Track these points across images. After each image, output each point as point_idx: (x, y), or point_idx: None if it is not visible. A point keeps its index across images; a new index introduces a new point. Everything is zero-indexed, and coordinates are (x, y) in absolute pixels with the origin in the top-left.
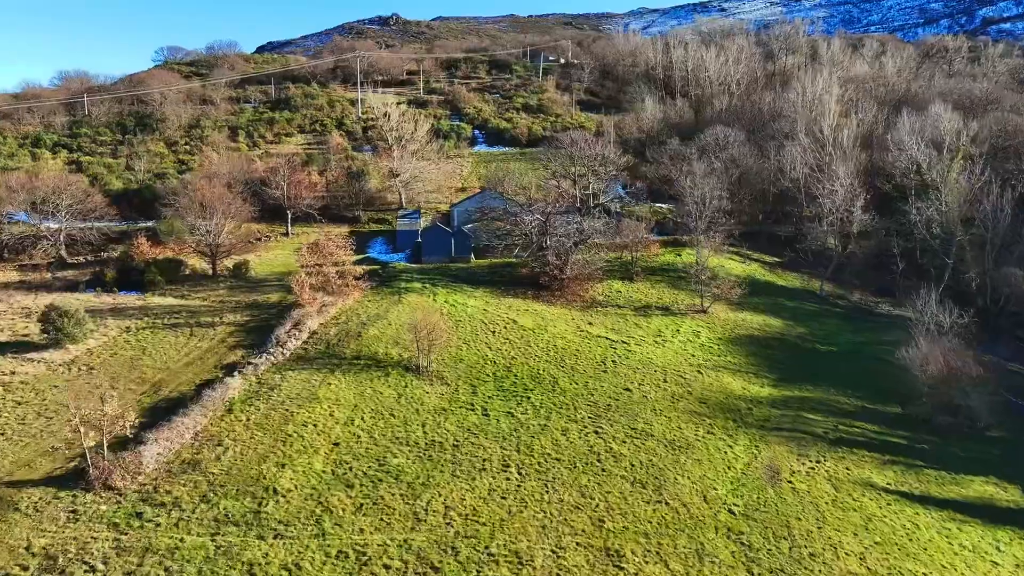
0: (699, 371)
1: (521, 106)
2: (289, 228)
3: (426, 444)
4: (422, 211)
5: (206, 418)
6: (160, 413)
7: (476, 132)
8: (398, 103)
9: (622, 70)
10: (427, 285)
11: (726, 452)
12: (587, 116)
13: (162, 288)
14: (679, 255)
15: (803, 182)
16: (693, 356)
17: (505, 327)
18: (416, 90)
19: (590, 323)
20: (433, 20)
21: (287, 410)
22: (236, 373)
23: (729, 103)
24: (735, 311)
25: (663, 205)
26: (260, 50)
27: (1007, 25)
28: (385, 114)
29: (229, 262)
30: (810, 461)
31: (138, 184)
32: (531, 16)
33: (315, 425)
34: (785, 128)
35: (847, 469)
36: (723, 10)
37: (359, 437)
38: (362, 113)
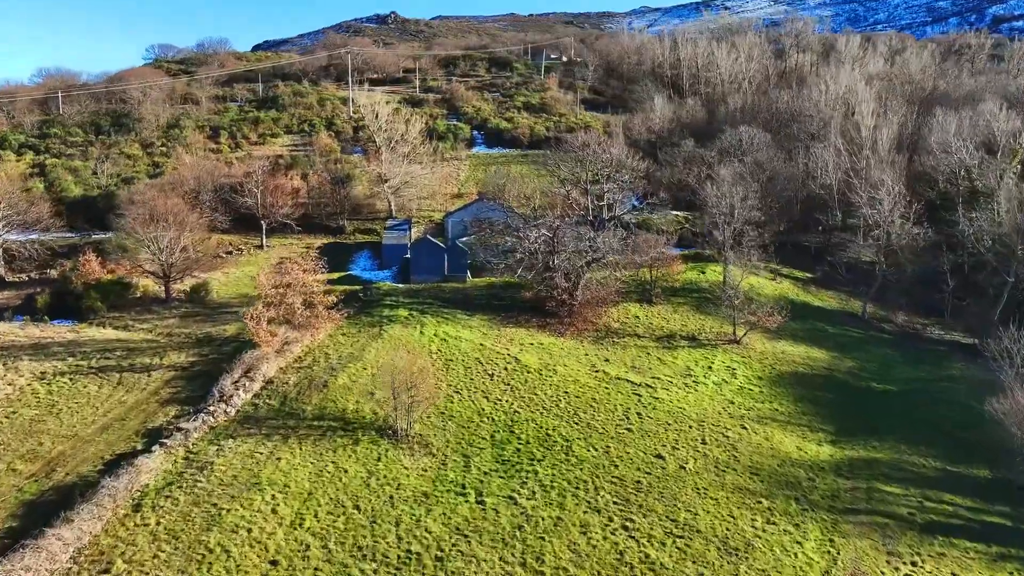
0: (743, 426)
1: (522, 105)
2: (264, 240)
3: (399, 558)
4: (413, 221)
5: (101, 521)
6: (43, 511)
7: (475, 132)
8: (388, 101)
9: (627, 68)
10: (414, 313)
11: (796, 554)
12: (592, 115)
13: (103, 316)
14: (703, 272)
15: (836, 188)
16: (732, 403)
17: (506, 368)
18: (412, 88)
19: (606, 360)
20: (433, 19)
21: (215, 505)
22: (158, 445)
23: (744, 102)
24: (772, 340)
25: (678, 213)
26: (256, 49)
27: (1019, 23)
28: (373, 112)
29: (188, 283)
30: (904, 563)
31: (100, 190)
32: (531, 15)
33: (249, 530)
34: (810, 128)
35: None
36: (726, 8)
37: (307, 549)
38: (352, 112)
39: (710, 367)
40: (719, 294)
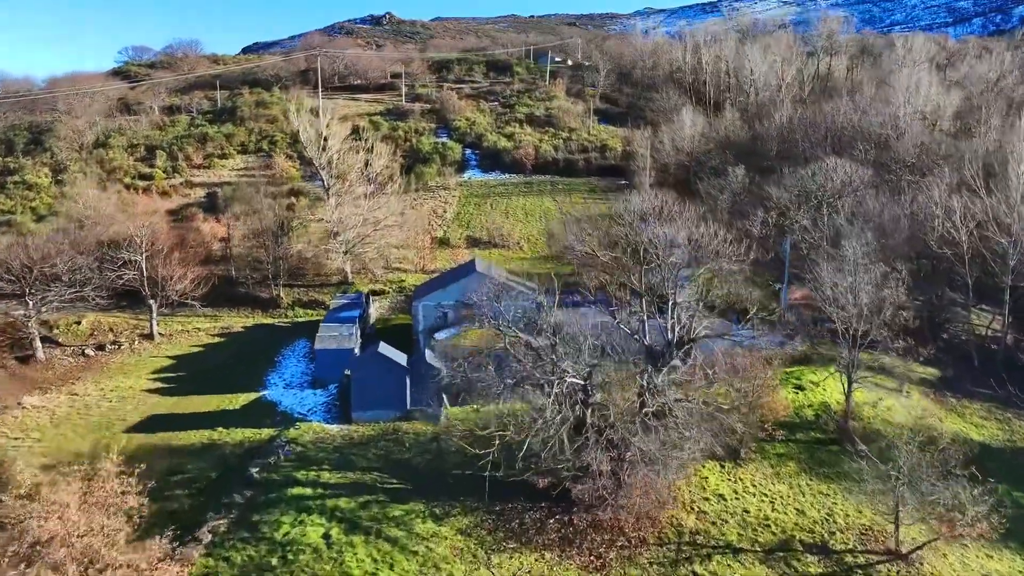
0: None
1: (525, 117)
2: (155, 326)
3: None
4: (377, 287)
5: None
6: None
7: (467, 152)
8: (347, 117)
9: (642, 73)
10: (337, 524)
11: None
12: (607, 130)
13: None
14: (798, 386)
15: (968, 244)
16: None
17: None
18: (398, 96)
19: None
20: (431, 20)
21: None
22: None
23: (791, 114)
24: (965, 547)
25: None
26: (245, 51)
27: None
28: (318, 141)
29: None
30: None
31: None
32: (533, 16)
33: None
34: (901, 150)
35: None
36: (735, 10)
37: None
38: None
39: None
40: (835, 433)
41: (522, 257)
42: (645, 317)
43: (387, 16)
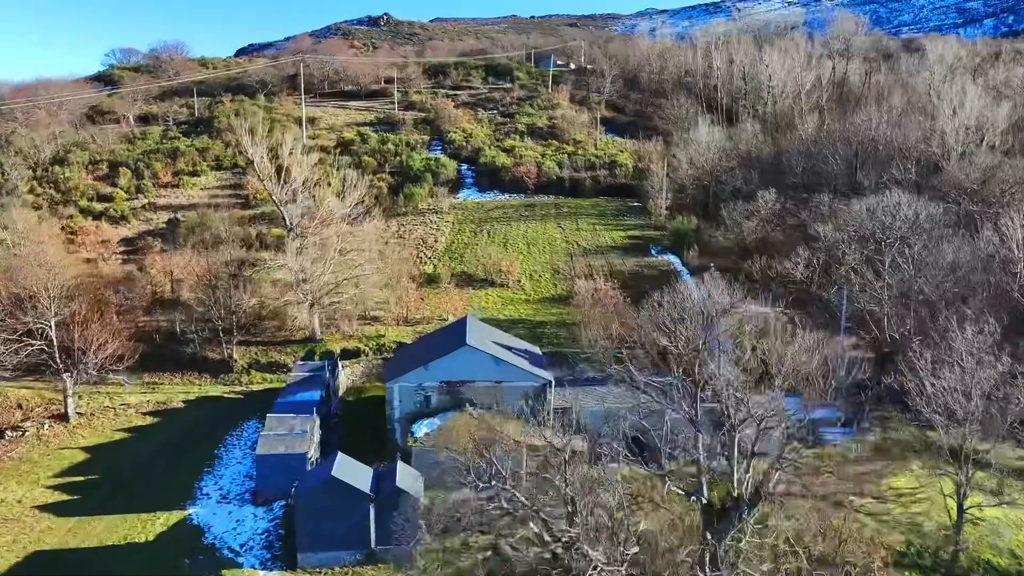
0: None
1: (526, 128)
2: (69, 405)
3: None
4: (346, 355)
5: None
6: None
7: (463, 168)
8: (312, 139)
9: (647, 77)
10: None
11: None
12: (614, 141)
13: None
14: (881, 497)
15: None
16: None
17: None
18: (390, 104)
19: None
20: (430, 21)
21: None
22: None
23: (819, 125)
24: None
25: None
26: (240, 53)
27: None
28: (272, 173)
29: None
30: None
31: None
32: (533, 17)
33: None
34: (958, 175)
35: None
36: (739, 11)
37: None
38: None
39: None
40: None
41: (524, 298)
42: (702, 459)
43: (384, 17)
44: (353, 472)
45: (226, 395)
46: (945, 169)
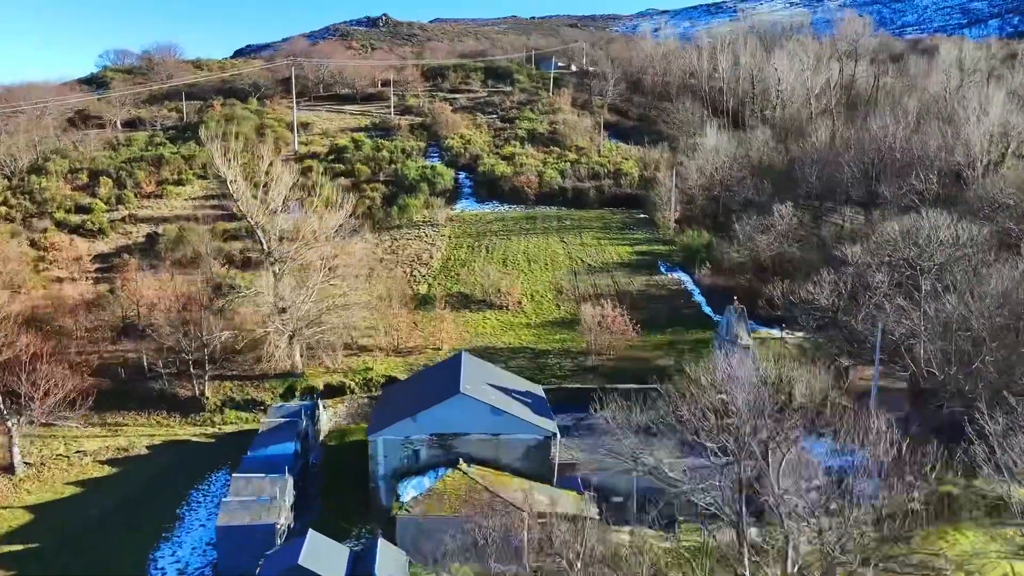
0: None
1: (527, 134)
2: (15, 455)
3: None
4: (330, 391)
5: None
6: None
7: (461, 177)
8: (305, 145)
9: (650, 80)
10: None
11: None
12: (618, 148)
13: None
14: None
15: None
16: None
17: None
18: (386, 108)
19: None
20: (430, 22)
21: None
22: None
23: (832, 132)
24: None
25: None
26: (238, 54)
27: None
28: (257, 187)
29: None
30: None
31: None
32: (534, 17)
33: None
34: (996, 193)
35: None
36: (740, 11)
37: None
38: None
39: None
40: None
41: (525, 322)
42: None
43: (383, 17)
44: (325, 557)
45: (195, 438)
46: (973, 181)
